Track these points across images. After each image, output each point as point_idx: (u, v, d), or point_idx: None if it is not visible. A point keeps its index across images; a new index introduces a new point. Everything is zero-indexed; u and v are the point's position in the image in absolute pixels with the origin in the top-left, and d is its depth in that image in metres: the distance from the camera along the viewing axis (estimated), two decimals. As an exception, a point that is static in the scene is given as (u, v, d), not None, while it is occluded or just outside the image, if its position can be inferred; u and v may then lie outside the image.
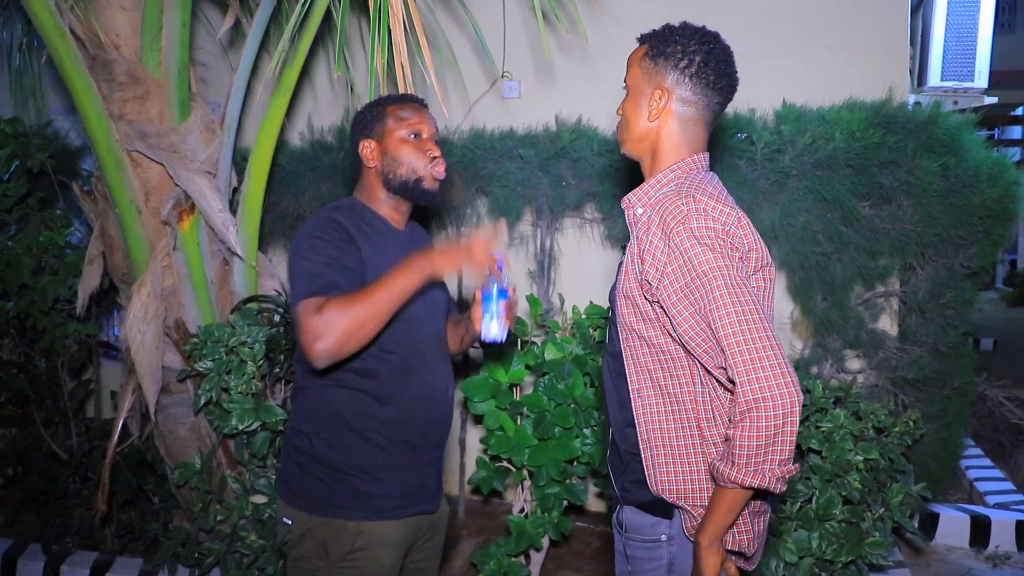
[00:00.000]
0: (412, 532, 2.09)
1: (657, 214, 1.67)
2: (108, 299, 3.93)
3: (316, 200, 4.25)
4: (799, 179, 3.44)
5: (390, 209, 2.11)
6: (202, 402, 3.09)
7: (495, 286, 2.05)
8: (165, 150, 3.08)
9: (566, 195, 3.85)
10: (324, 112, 4.43)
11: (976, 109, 4.20)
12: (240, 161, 3.48)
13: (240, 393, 3.08)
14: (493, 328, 2.05)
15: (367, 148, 2.09)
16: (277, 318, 3.28)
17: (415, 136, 2.07)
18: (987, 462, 5.03)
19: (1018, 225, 3.60)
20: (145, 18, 3.03)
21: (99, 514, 3.41)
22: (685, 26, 1.81)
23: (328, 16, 3.23)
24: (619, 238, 3.87)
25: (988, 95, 4.62)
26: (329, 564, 1.97)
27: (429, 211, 3.72)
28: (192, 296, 3.23)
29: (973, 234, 3.43)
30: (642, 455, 1.75)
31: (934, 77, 4.48)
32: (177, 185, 3.09)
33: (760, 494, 1.60)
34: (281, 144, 3.63)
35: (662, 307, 1.66)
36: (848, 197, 3.40)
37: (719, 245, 1.60)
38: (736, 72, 1.80)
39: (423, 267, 1.85)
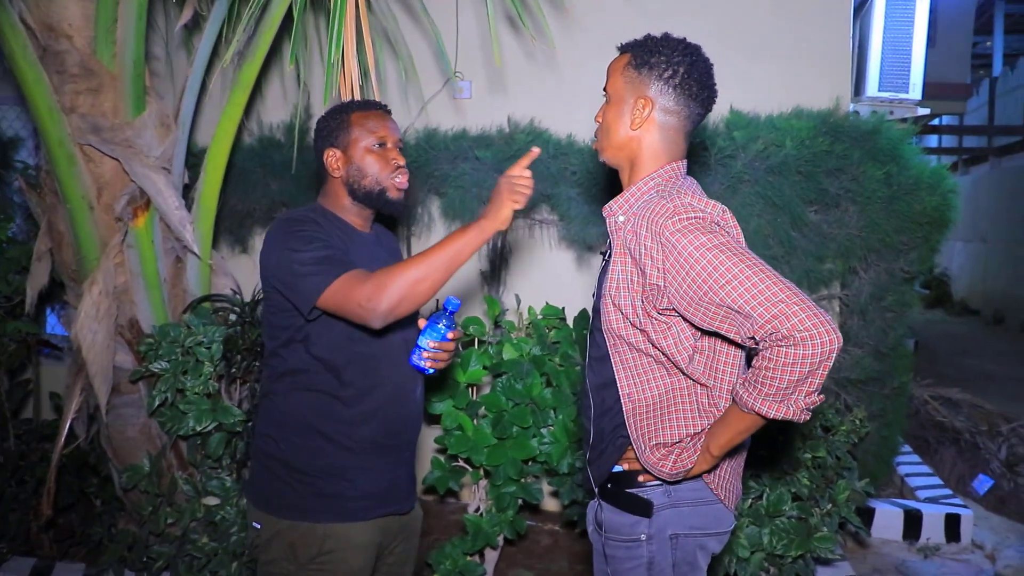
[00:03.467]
0: (382, 533, 2.09)
1: (643, 219, 1.70)
2: (49, 296, 3.81)
3: (266, 198, 4.19)
4: (751, 184, 3.53)
5: (354, 215, 2.12)
6: (156, 403, 3.03)
7: (440, 323, 2.02)
8: (120, 145, 3.00)
9: (521, 196, 3.87)
10: (273, 109, 4.36)
11: (917, 119, 4.36)
12: (189, 158, 3.41)
13: (196, 394, 3.03)
14: (416, 358, 2.03)
15: (332, 158, 2.09)
16: (233, 317, 3.22)
17: (380, 145, 2.08)
18: (916, 458, 5.24)
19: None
20: (99, 8, 2.95)
21: (44, 519, 3.30)
22: (667, 37, 1.83)
23: (288, 12, 3.19)
24: (574, 240, 3.91)
25: (920, 106, 4.80)
26: (298, 567, 1.97)
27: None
28: (145, 294, 3.15)
29: (913, 240, 3.58)
30: (636, 450, 1.78)
31: (872, 87, 4.62)
32: (133, 181, 3.02)
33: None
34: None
35: (678, 313, 1.68)
36: (797, 203, 3.51)
37: (707, 228, 1.63)
38: (716, 84, 1.84)
39: (483, 226, 1.87)
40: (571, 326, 3.53)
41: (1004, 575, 4.02)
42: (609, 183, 3.66)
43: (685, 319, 1.69)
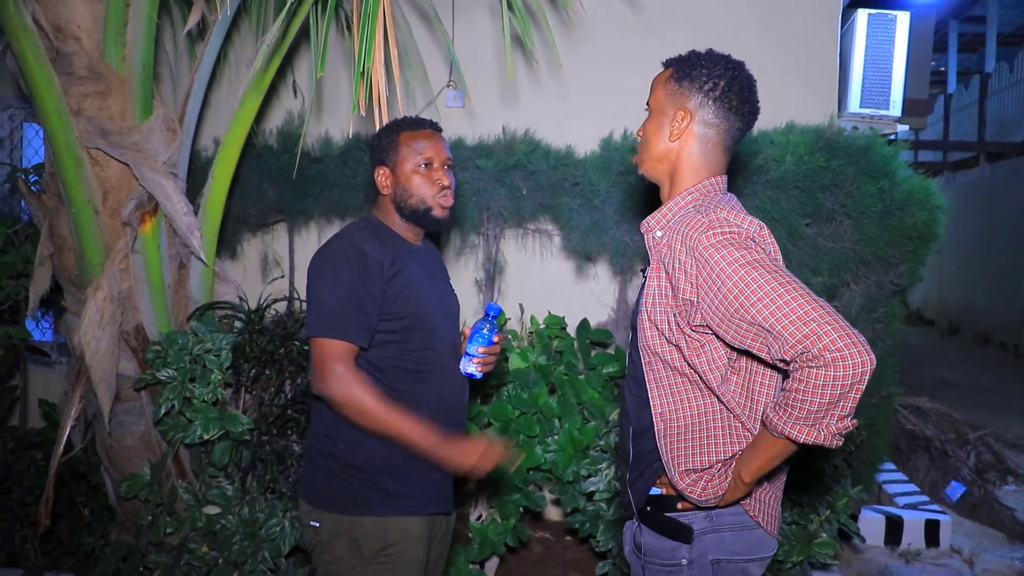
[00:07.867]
0: (432, 530, 2.15)
1: (678, 233, 1.70)
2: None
3: (260, 203, 4.16)
4: (750, 198, 3.60)
5: (405, 230, 2.19)
6: (163, 411, 2.99)
7: (484, 328, 2.13)
8: (129, 149, 2.96)
9: (521, 206, 3.90)
10: (267, 115, 4.32)
11: (888, 135, 4.47)
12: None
13: (204, 402, 3.00)
14: (467, 365, 2.15)
15: (381, 176, 2.18)
16: (239, 325, 3.19)
17: (426, 166, 2.14)
18: (891, 466, 5.37)
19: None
20: (109, 10, 2.90)
21: (43, 529, 3.23)
22: (711, 52, 1.84)
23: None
24: (574, 251, 3.93)
25: (900, 123, 4.92)
26: (363, 562, 2.02)
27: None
28: (149, 301, 3.11)
29: (903, 253, 3.67)
30: (667, 473, 1.78)
31: (853, 104, 4.71)
32: (141, 186, 2.98)
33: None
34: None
35: (711, 330, 1.67)
36: (794, 217, 3.58)
37: (742, 244, 1.63)
38: (758, 101, 1.84)
39: (439, 453, 1.98)
40: (573, 336, 3.56)
41: (983, 579, 4.15)
42: (614, 196, 3.70)
43: (717, 336, 1.68)
